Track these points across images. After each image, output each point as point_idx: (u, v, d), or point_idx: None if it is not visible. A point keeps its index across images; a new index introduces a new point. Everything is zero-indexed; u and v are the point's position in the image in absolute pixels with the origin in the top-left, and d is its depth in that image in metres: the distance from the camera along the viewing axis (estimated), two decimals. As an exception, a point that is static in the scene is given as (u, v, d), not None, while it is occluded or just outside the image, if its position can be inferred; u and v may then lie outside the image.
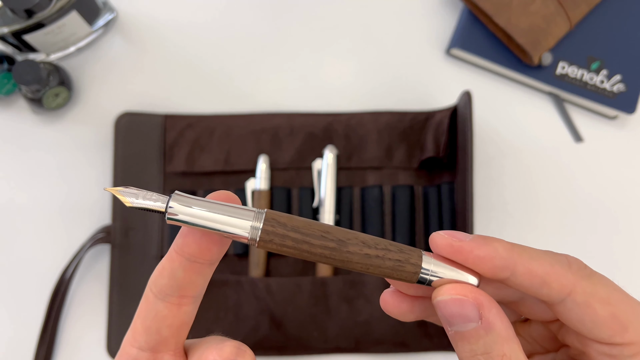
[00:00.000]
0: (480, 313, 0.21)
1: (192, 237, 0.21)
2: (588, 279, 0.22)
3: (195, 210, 0.21)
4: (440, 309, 0.22)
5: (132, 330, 0.22)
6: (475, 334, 0.21)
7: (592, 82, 0.52)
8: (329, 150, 0.49)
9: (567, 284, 0.21)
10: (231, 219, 0.21)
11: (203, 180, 0.50)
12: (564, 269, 0.22)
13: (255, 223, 0.21)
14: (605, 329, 0.22)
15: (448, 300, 0.21)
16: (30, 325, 0.48)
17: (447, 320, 0.21)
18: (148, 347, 0.22)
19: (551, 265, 0.21)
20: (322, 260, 0.21)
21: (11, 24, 0.45)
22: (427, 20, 0.55)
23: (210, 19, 0.54)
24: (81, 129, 0.51)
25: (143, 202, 0.21)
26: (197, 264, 0.22)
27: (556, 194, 0.52)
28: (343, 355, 0.49)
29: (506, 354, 0.21)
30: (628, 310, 0.22)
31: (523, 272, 0.21)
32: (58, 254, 0.49)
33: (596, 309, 0.22)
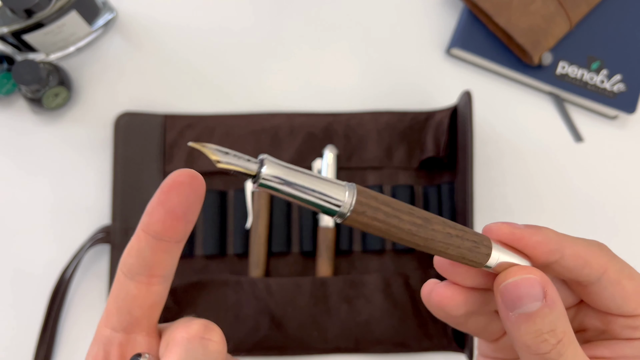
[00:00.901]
0: (545, 291, 0.22)
1: (157, 214, 0.21)
2: (616, 260, 0.25)
3: (289, 178, 0.20)
4: (509, 291, 0.23)
5: (105, 312, 0.22)
6: (541, 312, 0.22)
7: (592, 82, 0.52)
8: (329, 150, 0.49)
9: (602, 264, 0.24)
10: (324, 188, 0.20)
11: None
12: (599, 251, 0.24)
13: (349, 195, 0.20)
14: (631, 302, 0.24)
15: (519, 280, 0.22)
16: (30, 325, 0.48)
17: (513, 303, 0.22)
18: (121, 327, 0.22)
19: (589, 248, 0.24)
20: (407, 237, 0.21)
21: (11, 24, 0.45)
22: (427, 20, 0.55)
23: (210, 19, 0.54)
24: (81, 129, 0.51)
25: (234, 161, 0.20)
26: (163, 242, 0.22)
27: (556, 193, 0.52)
28: (343, 356, 0.49)
29: (566, 330, 0.23)
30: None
31: (571, 254, 0.23)
32: (58, 253, 0.49)
33: (625, 285, 0.24)
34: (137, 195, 0.49)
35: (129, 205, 0.49)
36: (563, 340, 0.23)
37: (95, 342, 0.22)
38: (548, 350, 0.22)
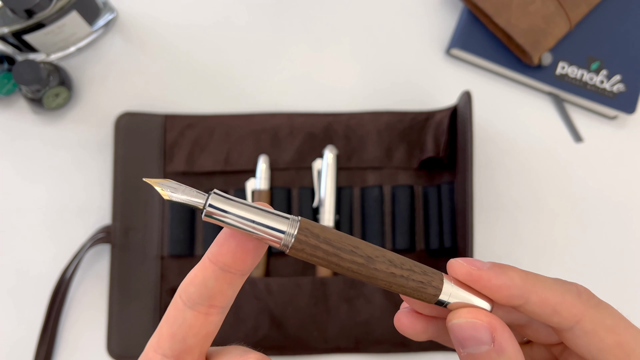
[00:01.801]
0: (493, 336, 0.22)
1: (228, 246, 0.21)
2: (596, 308, 0.23)
3: (232, 210, 0.21)
4: (455, 332, 0.22)
5: (157, 336, 0.22)
6: (487, 356, 0.22)
7: (592, 82, 0.53)
8: (329, 150, 0.49)
9: (576, 313, 0.22)
10: (267, 222, 0.21)
11: (203, 180, 0.50)
12: (574, 299, 0.23)
13: (290, 230, 0.21)
14: (610, 356, 0.23)
15: (463, 323, 0.22)
16: (31, 325, 0.48)
17: (460, 342, 0.22)
18: (172, 354, 0.22)
19: (562, 294, 0.22)
20: (348, 273, 0.22)
21: (11, 24, 0.45)
22: (427, 21, 0.55)
23: (211, 19, 0.54)
24: (81, 129, 0.51)
25: (182, 196, 0.21)
26: (229, 274, 0.22)
27: (556, 193, 0.52)
28: (343, 355, 0.49)
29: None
30: (631, 339, 0.23)
31: (536, 301, 0.22)
32: (58, 253, 0.49)
33: (603, 337, 0.23)
34: (137, 195, 0.49)
35: (129, 205, 0.49)
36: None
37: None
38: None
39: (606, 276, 0.51)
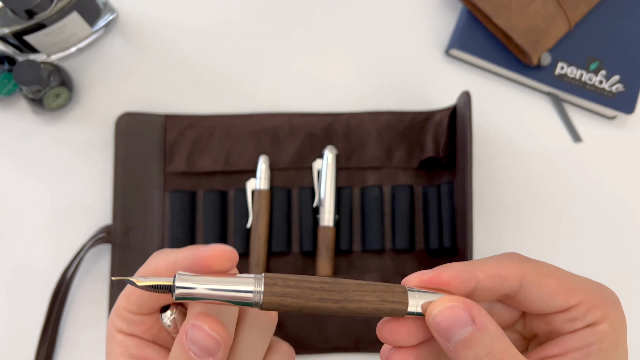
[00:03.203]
0: (472, 316, 0.23)
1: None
2: (530, 263, 0.26)
3: (199, 285, 0.23)
4: (438, 325, 0.24)
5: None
6: (474, 337, 0.23)
7: (591, 82, 0.53)
8: (329, 151, 0.49)
9: (517, 272, 0.25)
10: (234, 286, 0.23)
11: (203, 180, 0.50)
12: (511, 262, 0.25)
13: (257, 287, 0.23)
14: (559, 298, 0.25)
15: (442, 310, 0.24)
16: (31, 325, 0.48)
17: (446, 333, 0.23)
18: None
19: (500, 263, 0.25)
20: (320, 307, 0.24)
21: (12, 25, 0.46)
22: (426, 21, 0.55)
23: (211, 20, 0.54)
24: (82, 129, 0.52)
25: (151, 282, 0.23)
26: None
27: (555, 194, 0.52)
28: (343, 355, 0.49)
29: (504, 349, 0.23)
30: (568, 277, 0.26)
31: (484, 277, 0.25)
32: (59, 253, 0.49)
33: (546, 282, 0.25)
34: (137, 195, 0.49)
35: (129, 205, 0.49)
36: (503, 359, 0.23)
37: None
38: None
39: (606, 276, 0.51)
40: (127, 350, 0.27)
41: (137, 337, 0.27)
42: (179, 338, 0.24)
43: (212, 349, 0.24)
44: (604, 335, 0.25)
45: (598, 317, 0.25)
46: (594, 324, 0.25)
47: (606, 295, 0.26)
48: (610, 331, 0.25)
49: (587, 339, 0.25)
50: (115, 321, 0.27)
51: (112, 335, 0.27)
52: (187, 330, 0.24)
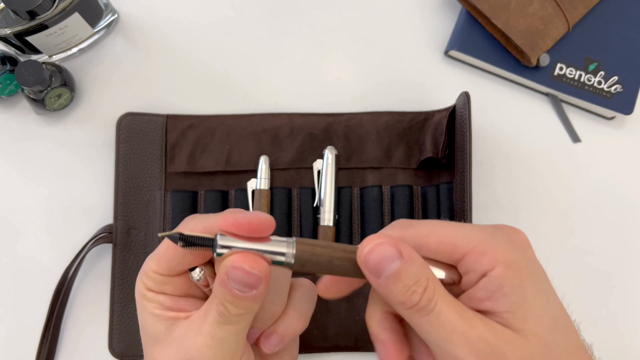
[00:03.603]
0: (399, 250, 0.25)
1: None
2: (411, 228, 0.27)
3: (239, 245, 0.25)
4: (369, 262, 0.25)
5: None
6: (403, 269, 0.25)
7: (589, 83, 0.53)
8: (329, 151, 0.50)
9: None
10: (269, 249, 0.26)
11: (204, 181, 0.50)
12: (391, 230, 0.27)
13: (289, 250, 0.26)
14: (441, 256, 0.26)
15: (372, 248, 0.25)
16: (33, 324, 0.48)
17: (376, 269, 0.25)
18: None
19: (379, 236, 0.26)
20: (342, 260, 0.27)
21: (14, 26, 0.46)
22: (426, 22, 0.55)
23: (212, 20, 0.54)
24: (83, 129, 0.52)
25: (197, 234, 0.26)
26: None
27: (554, 194, 0.53)
28: (343, 354, 0.49)
29: (429, 276, 0.25)
30: (449, 233, 0.26)
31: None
32: (60, 253, 0.49)
33: (426, 244, 0.26)
34: (139, 194, 0.50)
35: (131, 204, 0.49)
36: (428, 286, 0.25)
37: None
38: (418, 299, 0.24)
39: (605, 276, 0.51)
40: (160, 304, 0.28)
41: (168, 294, 0.29)
42: (219, 279, 0.25)
43: (253, 284, 0.25)
44: (501, 280, 0.25)
45: (487, 264, 0.25)
46: (487, 273, 0.25)
47: (495, 238, 0.26)
48: (507, 274, 0.25)
49: (487, 288, 0.25)
50: (145, 281, 0.29)
51: (142, 294, 0.29)
52: (227, 272, 0.25)
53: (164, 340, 0.28)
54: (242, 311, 0.26)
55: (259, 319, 0.30)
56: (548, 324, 0.25)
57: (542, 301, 0.25)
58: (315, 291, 0.32)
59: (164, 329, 0.28)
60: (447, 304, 0.25)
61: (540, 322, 0.24)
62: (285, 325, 0.30)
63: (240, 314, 0.26)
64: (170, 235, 0.25)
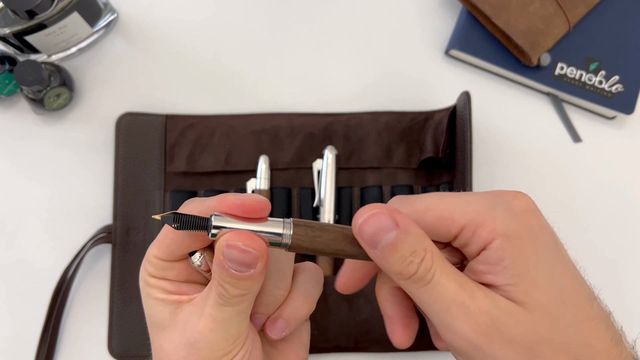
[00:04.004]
0: (395, 220, 0.24)
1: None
2: (407, 204, 0.26)
3: (234, 226, 0.25)
4: (364, 232, 0.24)
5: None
6: (399, 240, 0.24)
7: (590, 82, 0.53)
8: (329, 151, 0.50)
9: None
10: (264, 230, 0.26)
11: (204, 181, 0.50)
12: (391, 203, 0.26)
13: (286, 231, 0.25)
14: (440, 230, 0.25)
15: (367, 218, 0.24)
16: (32, 324, 0.48)
17: (373, 240, 0.24)
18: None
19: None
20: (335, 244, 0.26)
21: (13, 25, 0.46)
22: (426, 21, 0.55)
23: (211, 20, 0.54)
24: (82, 129, 0.52)
25: (191, 213, 0.26)
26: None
27: (554, 193, 0.53)
28: (343, 354, 0.49)
29: (427, 247, 0.24)
30: (446, 207, 0.25)
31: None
32: (60, 253, 0.49)
33: (424, 219, 0.25)
34: (138, 195, 0.49)
35: (130, 205, 0.49)
36: (425, 256, 0.24)
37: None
38: (415, 270, 0.24)
39: (606, 276, 0.51)
40: (163, 289, 0.28)
41: (170, 279, 0.29)
42: (216, 260, 0.25)
43: (250, 262, 0.25)
44: (501, 253, 0.24)
45: (485, 237, 0.24)
46: (486, 245, 0.24)
47: (494, 208, 0.25)
48: (507, 246, 0.24)
49: (488, 261, 0.24)
50: (147, 268, 0.29)
51: (145, 280, 0.29)
52: (223, 251, 0.25)
53: (168, 325, 0.28)
54: (242, 291, 0.26)
55: (262, 303, 0.29)
56: (554, 296, 0.23)
57: (546, 272, 0.24)
58: (320, 274, 0.31)
59: (168, 314, 0.28)
60: (446, 274, 0.24)
61: (544, 294, 0.23)
62: (290, 309, 0.30)
63: (239, 295, 0.26)
64: (165, 217, 0.25)
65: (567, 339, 0.23)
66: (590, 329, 0.24)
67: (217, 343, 0.27)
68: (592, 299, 0.25)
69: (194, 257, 0.28)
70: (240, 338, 0.27)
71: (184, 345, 0.27)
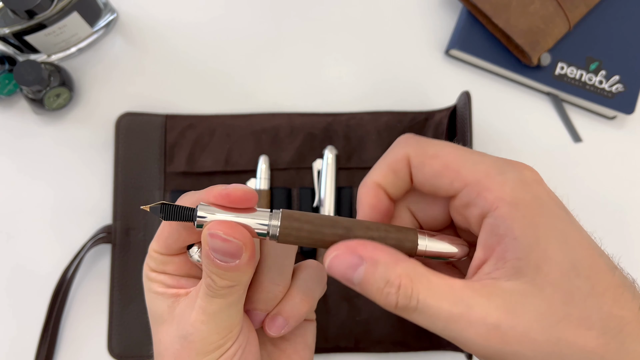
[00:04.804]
0: (360, 255, 0.23)
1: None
2: (417, 144, 0.25)
3: (219, 216, 0.25)
4: (335, 274, 0.24)
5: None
6: (368, 274, 0.23)
7: (590, 82, 0.53)
8: (329, 151, 0.50)
9: (403, 155, 0.25)
10: (250, 221, 0.25)
11: (203, 181, 0.50)
12: (398, 147, 0.26)
13: (273, 222, 0.25)
14: (442, 180, 0.24)
15: (330, 262, 0.24)
16: (32, 325, 0.48)
17: (346, 279, 0.24)
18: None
19: (388, 154, 0.26)
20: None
21: (12, 25, 0.46)
22: (426, 21, 0.55)
23: (211, 20, 0.54)
24: (82, 129, 0.52)
25: (175, 217, 0.25)
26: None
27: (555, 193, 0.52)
28: (343, 354, 0.49)
29: (401, 272, 0.23)
30: (456, 159, 0.24)
31: (381, 178, 0.26)
32: (59, 253, 0.49)
33: (430, 164, 0.25)
34: (138, 195, 0.49)
35: (129, 205, 0.49)
36: (402, 283, 0.23)
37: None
38: (395, 300, 0.23)
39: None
40: (163, 282, 0.29)
41: (169, 273, 0.29)
42: (203, 251, 0.25)
43: (234, 252, 0.25)
44: (509, 222, 0.22)
45: (491, 202, 0.23)
46: (489, 212, 0.23)
47: (504, 174, 0.24)
48: (516, 215, 0.22)
49: (496, 232, 0.23)
50: (148, 262, 0.29)
51: (146, 275, 0.29)
52: (207, 241, 0.25)
53: (166, 319, 0.28)
54: (229, 283, 0.26)
55: (260, 299, 0.29)
56: (567, 269, 0.22)
57: (558, 243, 0.22)
58: (323, 272, 0.31)
59: (167, 308, 0.28)
60: (432, 294, 0.22)
61: (556, 268, 0.22)
62: (289, 306, 0.29)
63: (227, 286, 0.26)
64: (153, 207, 0.25)
65: (587, 311, 0.21)
66: (615, 299, 0.22)
67: (209, 335, 0.27)
68: (612, 268, 0.23)
69: (191, 250, 0.28)
70: (233, 332, 0.27)
71: (178, 338, 0.27)
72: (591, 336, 0.21)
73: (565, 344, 0.21)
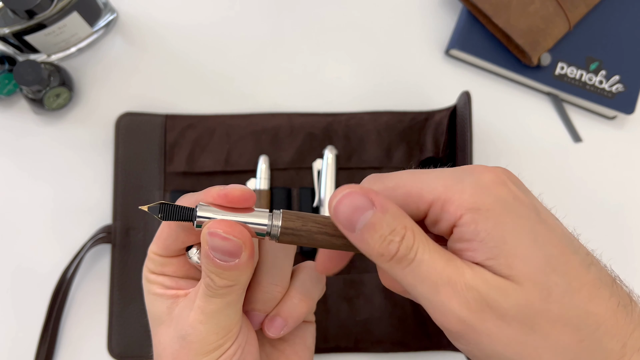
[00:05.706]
0: (371, 199, 0.23)
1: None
2: (379, 182, 0.25)
3: (218, 216, 0.25)
4: (339, 214, 0.24)
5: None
6: (377, 219, 0.23)
7: (591, 82, 0.53)
8: (329, 151, 0.50)
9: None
10: (249, 221, 0.25)
11: (203, 181, 0.50)
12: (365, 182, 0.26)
13: (274, 222, 0.25)
14: (410, 207, 0.24)
15: (340, 199, 0.23)
16: (32, 325, 0.48)
17: (349, 222, 0.23)
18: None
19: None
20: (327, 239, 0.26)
21: (12, 25, 0.46)
22: (426, 21, 0.55)
23: (211, 20, 0.54)
24: (82, 129, 0.52)
25: (174, 217, 0.25)
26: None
27: (555, 193, 0.52)
28: (343, 355, 0.49)
29: (407, 224, 0.23)
30: (415, 183, 0.25)
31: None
32: (59, 253, 0.49)
33: (394, 196, 0.25)
34: (137, 195, 0.49)
35: (129, 205, 0.49)
36: (406, 234, 0.23)
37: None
38: (397, 249, 0.23)
39: (605, 276, 0.51)
40: (161, 284, 0.29)
41: (169, 275, 0.29)
42: (203, 250, 0.25)
43: (233, 251, 0.25)
44: (474, 227, 0.23)
45: (454, 212, 0.23)
46: (456, 221, 0.23)
47: (462, 182, 0.24)
48: (479, 219, 0.23)
49: (463, 238, 0.23)
50: (148, 265, 0.29)
51: (146, 277, 0.29)
52: (207, 240, 0.25)
53: (165, 320, 0.28)
54: (228, 282, 0.26)
55: (259, 300, 0.29)
56: (542, 265, 0.22)
57: (528, 241, 0.23)
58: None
59: (166, 309, 0.28)
60: (430, 251, 0.23)
61: (530, 264, 0.22)
62: (287, 307, 0.29)
63: (226, 286, 0.26)
64: (151, 207, 0.25)
65: (565, 308, 0.22)
66: (590, 296, 0.22)
67: (207, 336, 0.27)
68: (588, 265, 0.23)
69: (190, 252, 0.28)
70: (232, 332, 0.27)
71: (177, 339, 0.27)
72: (566, 332, 0.22)
73: (540, 337, 0.22)
